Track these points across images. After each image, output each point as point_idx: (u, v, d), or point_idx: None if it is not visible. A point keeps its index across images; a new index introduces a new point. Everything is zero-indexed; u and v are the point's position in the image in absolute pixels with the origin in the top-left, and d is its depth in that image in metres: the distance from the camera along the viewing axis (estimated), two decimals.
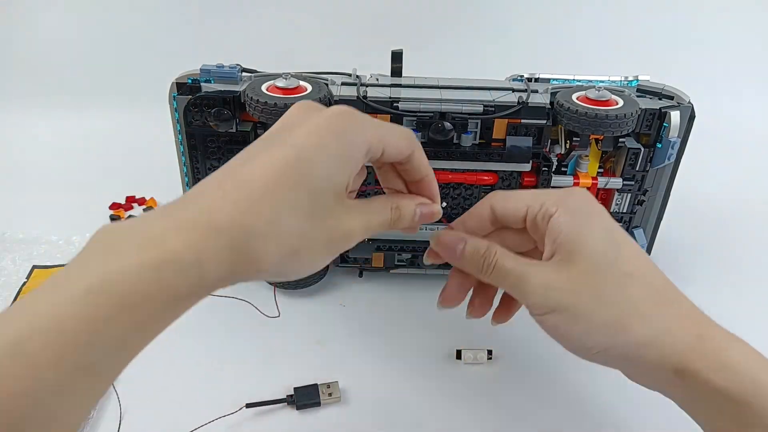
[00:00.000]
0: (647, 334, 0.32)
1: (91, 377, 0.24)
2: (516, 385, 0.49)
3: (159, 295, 0.25)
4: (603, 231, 0.34)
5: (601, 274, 0.33)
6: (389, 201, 0.34)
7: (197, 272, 0.26)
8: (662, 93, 0.52)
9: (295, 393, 0.47)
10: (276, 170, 0.28)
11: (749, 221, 0.72)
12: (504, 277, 0.35)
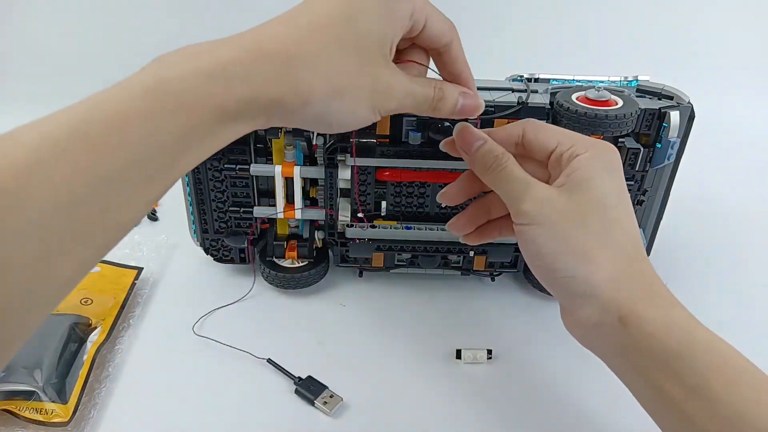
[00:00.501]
0: (609, 275, 0.34)
1: (144, 177, 0.25)
2: (516, 385, 0.49)
3: (210, 101, 0.26)
4: (613, 183, 0.36)
5: (594, 209, 0.35)
6: (434, 80, 0.35)
7: (246, 88, 0.27)
8: (662, 93, 0.52)
9: (305, 379, 0.48)
10: (326, 13, 0.29)
11: (749, 221, 0.72)
12: (508, 181, 0.36)
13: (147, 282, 0.58)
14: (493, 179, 0.37)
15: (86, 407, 0.46)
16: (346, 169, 0.52)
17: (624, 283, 0.34)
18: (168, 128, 0.25)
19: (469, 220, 0.42)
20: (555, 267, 0.35)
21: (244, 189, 0.54)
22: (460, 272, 0.58)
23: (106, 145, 0.24)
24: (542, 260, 0.35)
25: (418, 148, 0.50)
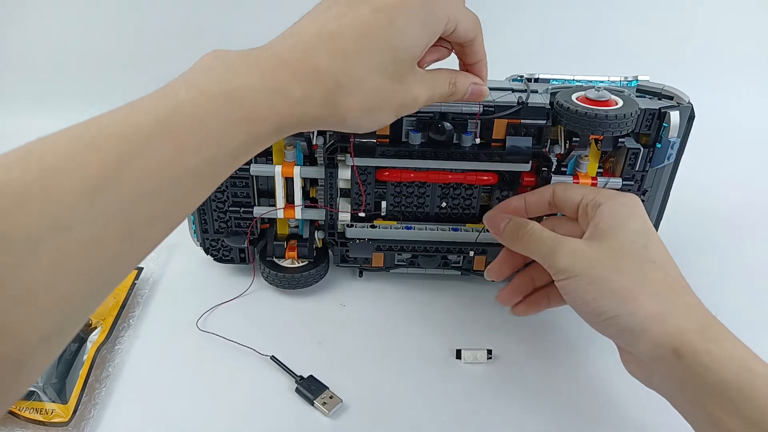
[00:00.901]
0: (654, 309, 0.35)
1: (213, 173, 0.28)
2: (516, 385, 0.49)
3: (273, 115, 0.29)
4: (640, 226, 0.39)
5: (625, 252, 0.37)
6: (448, 76, 0.37)
7: (300, 110, 0.30)
8: (662, 93, 0.52)
9: (306, 378, 0.48)
10: (369, 32, 0.31)
11: (749, 221, 0.72)
12: (538, 244, 0.40)
13: (147, 282, 0.58)
14: (525, 246, 0.42)
15: (86, 407, 0.46)
16: (346, 169, 0.52)
17: (672, 316, 0.35)
18: (239, 134, 0.28)
19: (515, 291, 0.45)
20: (600, 311, 0.37)
21: (244, 189, 0.54)
22: (460, 272, 0.58)
23: (189, 143, 0.26)
24: (588, 307, 0.38)
25: (418, 148, 0.50)
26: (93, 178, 0.23)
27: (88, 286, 0.24)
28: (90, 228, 0.23)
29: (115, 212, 0.24)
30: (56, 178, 0.23)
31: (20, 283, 0.22)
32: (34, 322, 0.23)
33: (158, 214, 0.26)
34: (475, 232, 0.54)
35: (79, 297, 0.24)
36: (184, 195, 0.27)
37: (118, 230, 0.24)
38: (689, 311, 0.36)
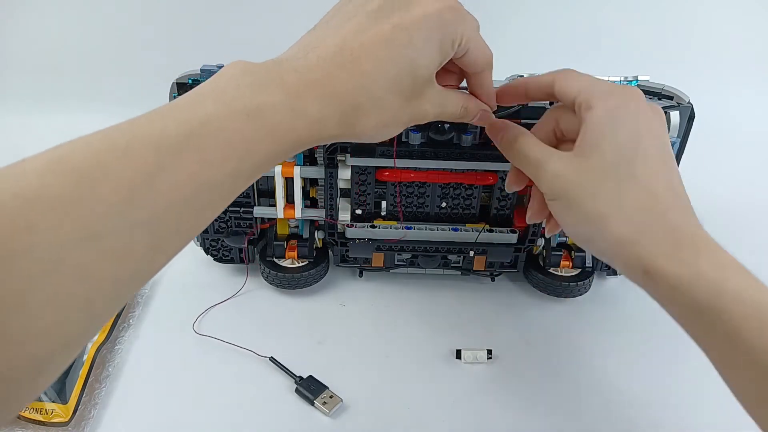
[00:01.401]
0: (626, 234, 0.34)
1: (234, 186, 0.29)
2: (516, 385, 0.49)
3: (293, 133, 0.30)
4: (629, 135, 0.35)
5: (606, 171, 0.35)
6: (461, 100, 0.38)
7: (318, 128, 0.31)
8: (662, 93, 0.52)
9: (306, 379, 0.48)
10: (389, 50, 0.32)
11: (749, 221, 0.72)
12: (526, 163, 0.39)
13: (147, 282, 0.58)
14: (517, 163, 0.40)
15: (86, 407, 0.46)
16: (346, 169, 0.52)
17: (644, 240, 0.34)
18: (261, 151, 0.29)
19: (515, 174, 0.42)
20: (577, 233, 0.37)
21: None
22: (460, 272, 0.58)
23: (214, 158, 0.27)
24: (568, 229, 0.38)
25: (418, 148, 0.50)
26: (125, 188, 0.24)
27: (111, 294, 0.25)
28: (119, 238, 0.24)
29: (144, 223, 0.25)
30: (90, 187, 0.23)
31: (48, 291, 0.22)
32: (58, 329, 0.23)
33: (182, 225, 0.27)
34: (475, 232, 0.54)
35: (100, 304, 0.25)
36: (205, 207, 0.28)
37: (145, 241, 0.25)
38: (665, 232, 0.34)
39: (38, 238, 0.22)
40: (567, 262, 0.56)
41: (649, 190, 0.35)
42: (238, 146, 0.28)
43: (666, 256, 0.33)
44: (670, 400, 0.48)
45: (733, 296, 0.32)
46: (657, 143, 0.36)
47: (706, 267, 0.33)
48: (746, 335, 0.31)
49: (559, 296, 0.57)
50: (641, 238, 0.34)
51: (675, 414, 0.47)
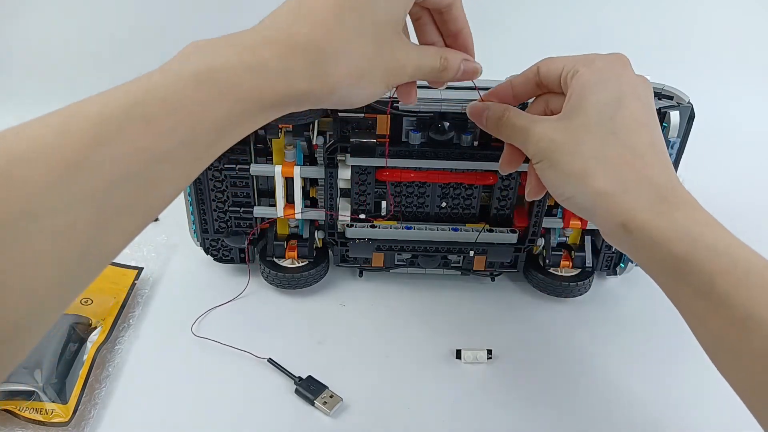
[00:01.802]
0: (606, 188, 0.35)
1: (191, 156, 0.27)
2: (516, 385, 0.49)
3: (253, 93, 0.28)
4: (611, 93, 0.36)
5: (588, 129, 0.35)
6: (439, 51, 0.37)
7: (285, 84, 0.29)
8: (662, 93, 0.52)
9: (305, 379, 0.48)
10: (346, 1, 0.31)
11: (749, 221, 0.71)
12: (513, 132, 0.39)
13: (147, 282, 0.58)
14: (505, 135, 0.40)
15: (86, 407, 0.46)
16: (346, 169, 0.52)
17: (624, 193, 0.34)
18: (216, 115, 0.27)
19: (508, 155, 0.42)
20: (559, 192, 0.37)
21: (244, 189, 0.54)
22: (460, 272, 0.58)
23: (161, 127, 0.25)
24: (552, 189, 0.38)
25: (418, 148, 0.50)
26: (61, 165, 0.23)
27: (61, 275, 0.24)
28: (58, 216, 0.23)
29: (86, 199, 0.24)
30: (22, 167, 0.23)
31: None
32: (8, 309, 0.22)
33: (132, 200, 0.26)
34: (475, 232, 0.54)
35: (51, 287, 0.24)
36: (159, 180, 0.26)
37: (89, 218, 0.24)
38: (644, 186, 0.35)
39: None
40: (567, 262, 0.56)
41: (629, 146, 0.35)
42: (190, 112, 0.26)
43: (644, 210, 0.34)
44: (670, 400, 0.48)
45: (709, 249, 0.32)
46: (639, 104, 0.36)
47: (684, 221, 0.33)
48: (720, 288, 0.31)
49: (559, 296, 0.57)
50: (620, 192, 0.34)
51: (675, 414, 0.47)
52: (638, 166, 0.35)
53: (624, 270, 0.58)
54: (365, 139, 0.49)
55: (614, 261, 0.58)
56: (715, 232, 0.33)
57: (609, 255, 0.58)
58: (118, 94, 0.26)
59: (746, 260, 0.32)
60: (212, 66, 0.27)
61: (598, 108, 0.35)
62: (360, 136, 0.49)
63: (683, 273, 0.32)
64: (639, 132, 0.36)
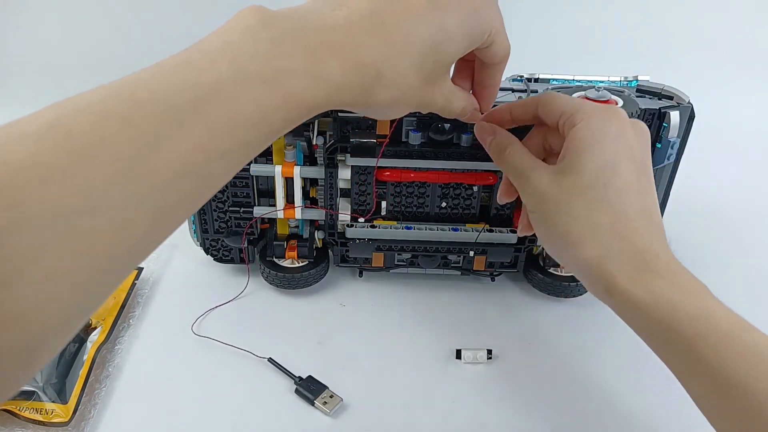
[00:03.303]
0: (593, 254, 0.35)
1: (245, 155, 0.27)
2: (516, 385, 0.49)
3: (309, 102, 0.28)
4: (606, 157, 0.36)
5: (581, 191, 0.36)
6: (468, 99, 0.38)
7: (338, 94, 0.29)
8: (662, 93, 0.52)
9: (305, 379, 0.48)
10: (419, 24, 0.30)
11: (749, 221, 0.72)
12: (512, 172, 0.40)
13: (147, 282, 0.58)
14: (504, 170, 0.41)
15: (86, 407, 0.46)
16: (346, 169, 0.52)
17: (609, 261, 0.35)
18: (275, 119, 0.27)
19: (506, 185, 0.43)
20: (549, 247, 0.39)
21: (244, 189, 0.54)
22: (460, 272, 0.58)
23: (223, 128, 0.25)
24: (542, 242, 0.39)
25: (418, 148, 0.50)
26: (124, 160, 0.22)
27: (110, 270, 0.24)
28: (118, 213, 0.22)
29: (146, 196, 0.23)
30: (87, 159, 0.22)
31: (42, 267, 0.21)
32: (52, 307, 0.22)
33: (186, 197, 0.25)
34: (475, 232, 0.54)
35: (99, 282, 0.23)
36: (211, 177, 0.26)
37: (146, 215, 0.24)
38: (629, 254, 0.35)
39: (30, 211, 0.20)
40: None
41: (619, 213, 0.36)
42: (252, 114, 0.26)
43: (627, 278, 0.35)
44: (669, 400, 0.48)
45: (689, 316, 0.33)
46: (633, 166, 0.36)
47: (665, 288, 0.34)
48: (700, 354, 0.32)
49: (559, 296, 0.57)
50: (605, 260, 0.35)
51: (675, 414, 0.47)
52: (625, 233, 0.36)
53: None
54: (365, 139, 0.49)
55: None
56: (696, 298, 0.34)
57: None
58: (185, 85, 0.25)
59: (726, 325, 0.33)
60: (280, 69, 0.27)
61: (593, 172, 0.36)
62: (360, 136, 0.49)
63: (664, 338, 0.34)
64: (631, 198, 0.36)
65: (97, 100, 0.23)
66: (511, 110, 0.41)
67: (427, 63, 0.31)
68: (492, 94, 0.39)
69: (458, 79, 0.39)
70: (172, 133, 0.24)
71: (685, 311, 0.33)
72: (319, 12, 0.29)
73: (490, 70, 0.37)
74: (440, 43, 0.31)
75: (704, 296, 0.34)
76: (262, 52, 0.27)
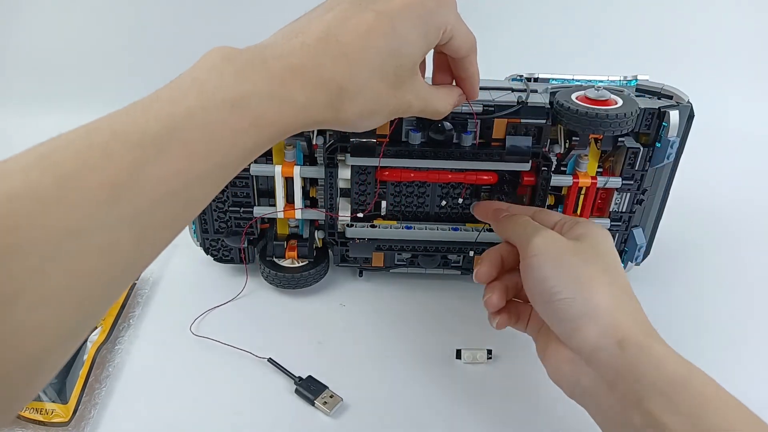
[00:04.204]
0: (607, 303, 0.37)
1: (222, 176, 0.29)
2: (516, 384, 0.49)
3: (279, 123, 0.30)
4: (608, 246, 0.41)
5: (595, 253, 0.40)
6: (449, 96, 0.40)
7: (304, 114, 0.31)
8: (661, 92, 0.52)
9: (305, 379, 0.48)
10: (372, 37, 0.32)
11: (748, 220, 0.72)
12: (523, 227, 0.42)
13: (147, 282, 0.58)
14: (512, 229, 0.44)
15: (86, 407, 0.46)
16: (346, 169, 0.52)
17: (621, 313, 0.36)
18: (247, 140, 0.29)
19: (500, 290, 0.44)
20: (557, 290, 0.38)
21: (244, 189, 0.54)
22: (460, 272, 0.58)
23: (199, 151, 0.27)
24: (545, 284, 0.39)
25: (418, 148, 0.50)
26: (108, 185, 0.24)
27: (102, 289, 0.25)
28: (105, 234, 0.24)
29: (130, 218, 0.25)
30: (73, 186, 0.23)
31: (39, 288, 0.22)
32: (51, 326, 0.23)
33: (169, 219, 0.27)
34: (475, 231, 0.54)
35: (93, 300, 0.25)
36: (193, 199, 0.28)
37: (132, 236, 0.25)
38: (636, 316, 0.37)
39: (25, 236, 0.22)
40: None
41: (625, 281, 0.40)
42: (224, 137, 0.28)
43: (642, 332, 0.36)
44: None
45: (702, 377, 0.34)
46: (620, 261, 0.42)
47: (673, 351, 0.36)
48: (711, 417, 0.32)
49: None
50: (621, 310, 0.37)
51: None
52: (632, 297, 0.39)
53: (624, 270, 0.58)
54: (365, 139, 0.49)
55: None
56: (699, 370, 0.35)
57: None
58: (156, 114, 0.26)
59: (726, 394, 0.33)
60: (246, 94, 0.29)
61: (601, 249, 0.40)
62: (360, 136, 0.49)
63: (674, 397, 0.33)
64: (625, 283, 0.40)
65: (79, 136, 0.25)
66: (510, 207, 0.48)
67: (388, 69, 0.33)
68: (473, 83, 0.41)
69: (438, 73, 0.41)
70: (152, 159, 0.25)
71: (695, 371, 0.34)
72: (278, 43, 0.32)
73: (462, 63, 0.39)
74: (397, 48, 0.33)
75: None
76: (227, 82, 0.29)
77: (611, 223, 0.55)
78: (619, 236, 0.56)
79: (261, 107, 0.29)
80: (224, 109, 0.28)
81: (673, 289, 0.60)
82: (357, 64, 0.32)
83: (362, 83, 0.32)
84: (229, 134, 0.28)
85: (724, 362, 0.40)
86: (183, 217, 0.28)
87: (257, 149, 0.30)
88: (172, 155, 0.26)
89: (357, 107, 0.33)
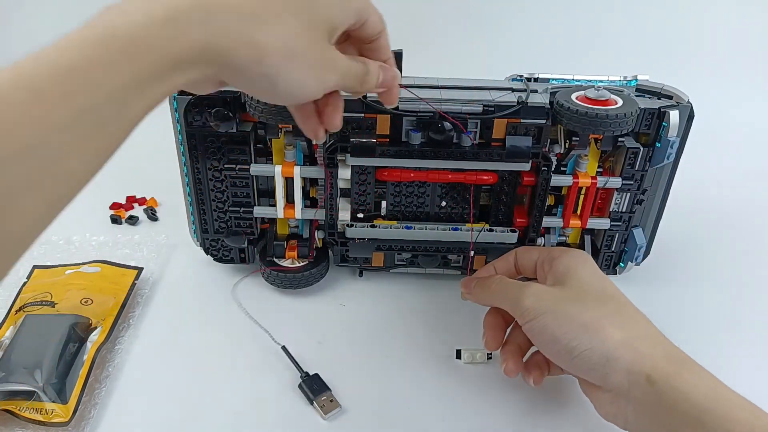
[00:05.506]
0: (623, 337, 0.37)
1: (96, 124, 0.24)
2: (516, 385, 0.49)
3: (162, 47, 0.25)
4: (593, 273, 0.43)
5: (585, 291, 0.41)
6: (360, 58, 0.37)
7: (204, 34, 0.26)
8: (661, 92, 0.52)
9: (312, 377, 0.48)
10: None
11: (748, 220, 0.72)
12: (504, 291, 0.43)
13: (147, 282, 0.58)
14: (493, 295, 0.45)
15: (86, 407, 0.46)
16: (346, 169, 0.52)
17: (639, 344, 0.37)
18: (118, 75, 0.25)
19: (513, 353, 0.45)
20: (571, 346, 0.38)
21: (244, 189, 0.54)
22: (460, 272, 0.58)
23: (54, 95, 0.23)
24: (558, 343, 0.39)
25: (418, 148, 0.50)
26: None
27: None
28: None
29: None
30: None
31: None
32: None
33: (32, 177, 0.23)
34: (475, 231, 0.54)
35: None
36: (63, 153, 0.24)
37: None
38: (653, 339, 0.38)
39: None
40: None
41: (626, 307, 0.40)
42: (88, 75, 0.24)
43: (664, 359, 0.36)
44: None
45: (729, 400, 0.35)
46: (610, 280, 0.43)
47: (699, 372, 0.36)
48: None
49: None
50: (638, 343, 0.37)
51: None
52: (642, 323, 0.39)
53: (623, 270, 0.58)
54: (365, 139, 0.49)
55: (614, 260, 0.58)
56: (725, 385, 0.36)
57: (608, 255, 0.58)
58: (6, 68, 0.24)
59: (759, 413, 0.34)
60: (116, 22, 0.25)
61: (587, 279, 0.42)
62: (360, 136, 0.49)
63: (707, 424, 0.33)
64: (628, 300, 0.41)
65: None
66: (495, 266, 0.49)
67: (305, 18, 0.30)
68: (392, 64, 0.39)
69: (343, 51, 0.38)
70: None
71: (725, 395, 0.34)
72: None
73: (376, 45, 0.37)
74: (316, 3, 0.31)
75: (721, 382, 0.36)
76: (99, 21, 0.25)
77: (611, 223, 0.55)
78: (619, 236, 0.56)
79: (138, 32, 0.25)
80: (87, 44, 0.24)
81: (673, 289, 0.60)
82: None
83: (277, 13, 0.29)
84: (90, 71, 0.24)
85: (724, 362, 0.40)
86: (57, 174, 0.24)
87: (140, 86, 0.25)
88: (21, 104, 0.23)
89: (276, 38, 0.28)
